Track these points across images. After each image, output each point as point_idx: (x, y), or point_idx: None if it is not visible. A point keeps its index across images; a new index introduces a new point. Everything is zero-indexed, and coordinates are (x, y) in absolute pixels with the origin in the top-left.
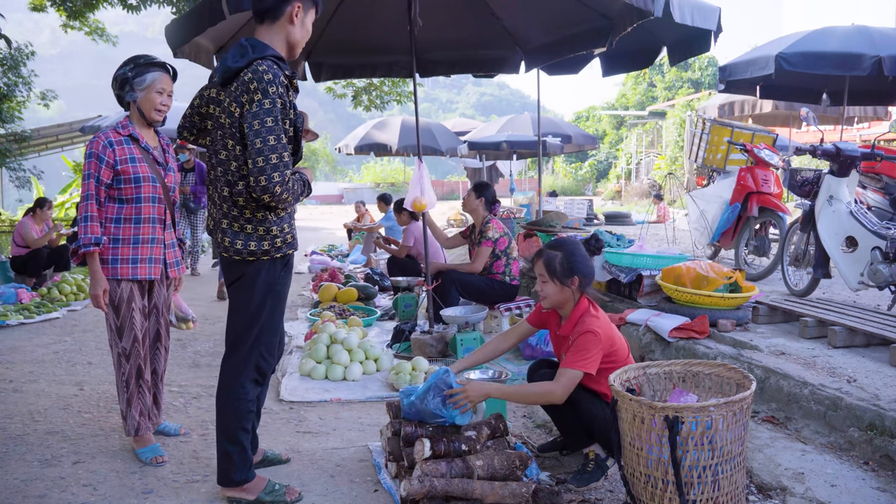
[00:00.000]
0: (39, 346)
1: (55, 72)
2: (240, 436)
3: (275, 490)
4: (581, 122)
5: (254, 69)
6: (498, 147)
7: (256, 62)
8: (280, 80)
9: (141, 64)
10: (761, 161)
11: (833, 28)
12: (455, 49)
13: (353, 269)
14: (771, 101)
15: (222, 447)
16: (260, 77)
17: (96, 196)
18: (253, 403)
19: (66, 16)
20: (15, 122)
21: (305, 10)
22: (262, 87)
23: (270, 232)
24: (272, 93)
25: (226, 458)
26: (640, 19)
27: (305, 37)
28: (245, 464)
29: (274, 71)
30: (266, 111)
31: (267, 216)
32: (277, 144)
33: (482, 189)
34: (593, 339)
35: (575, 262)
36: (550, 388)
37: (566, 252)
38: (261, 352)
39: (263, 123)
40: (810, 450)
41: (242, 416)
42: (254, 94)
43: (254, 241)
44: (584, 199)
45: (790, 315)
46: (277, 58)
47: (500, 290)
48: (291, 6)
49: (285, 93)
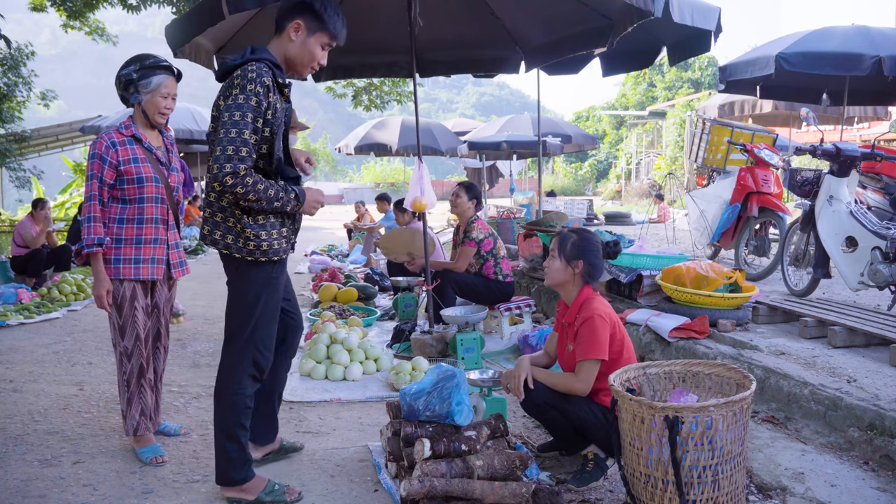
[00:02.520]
0: (39, 346)
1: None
2: (238, 433)
3: (274, 490)
4: (581, 122)
5: (243, 67)
6: (498, 147)
7: (250, 62)
8: (262, 81)
9: (147, 66)
10: (761, 161)
11: (833, 28)
12: (455, 49)
13: (353, 269)
14: (771, 101)
15: (221, 445)
16: (244, 74)
17: (99, 197)
18: (251, 399)
19: (66, 16)
20: (15, 122)
21: (308, 31)
22: (241, 84)
23: (244, 233)
24: (249, 90)
25: (224, 456)
26: (640, 19)
27: (305, 57)
28: (244, 462)
29: (261, 71)
30: (237, 105)
31: (242, 217)
32: (237, 138)
33: (472, 190)
34: (600, 323)
35: (585, 249)
36: (573, 382)
37: (582, 237)
38: (256, 346)
39: (231, 116)
40: (810, 450)
41: (240, 411)
42: (233, 89)
43: (231, 236)
44: (584, 199)
45: (790, 315)
46: (274, 64)
47: (495, 290)
48: (291, 23)
49: (266, 94)
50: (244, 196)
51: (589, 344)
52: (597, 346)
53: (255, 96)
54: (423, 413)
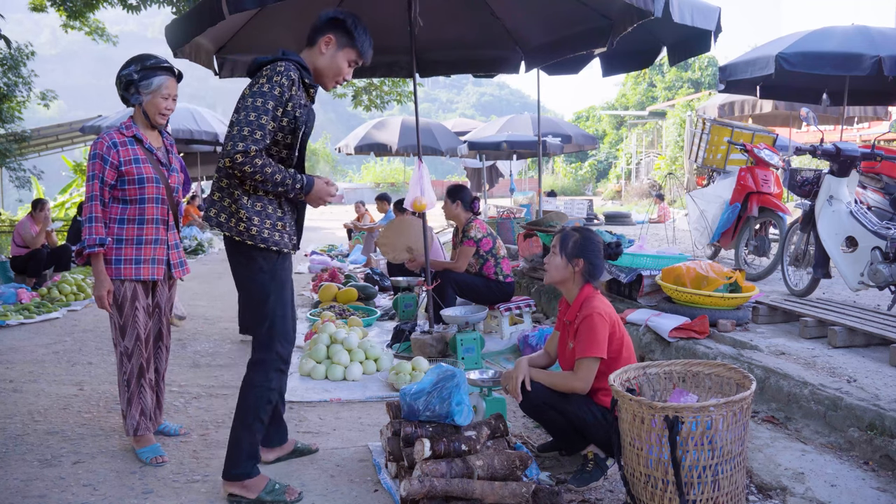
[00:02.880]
0: (39, 346)
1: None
2: (254, 424)
3: (275, 490)
4: (581, 122)
5: (273, 63)
6: (498, 147)
7: (279, 60)
8: (290, 76)
9: (147, 67)
10: (761, 161)
11: (833, 28)
12: (455, 49)
13: (353, 269)
14: (771, 101)
15: (236, 435)
16: (273, 68)
17: (101, 197)
18: (275, 393)
19: (66, 16)
20: (15, 122)
21: (338, 46)
22: (268, 74)
23: (237, 214)
24: (275, 81)
25: (237, 446)
26: (640, 19)
27: (333, 70)
28: (252, 457)
29: (290, 68)
30: (261, 93)
31: (240, 198)
32: (255, 121)
33: (455, 193)
34: (599, 321)
35: (587, 248)
36: (572, 381)
37: (583, 236)
38: (277, 339)
39: (254, 101)
40: (810, 450)
41: (261, 405)
42: (259, 79)
43: (224, 215)
44: (584, 199)
45: (790, 315)
46: (303, 66)
47: (496, 290)
48: (323, 37)
49: (290, 86)
50: (251, 175)
51: (588, 342)
52: (595, 344)
53: (279, 87)
54: (423, 413)
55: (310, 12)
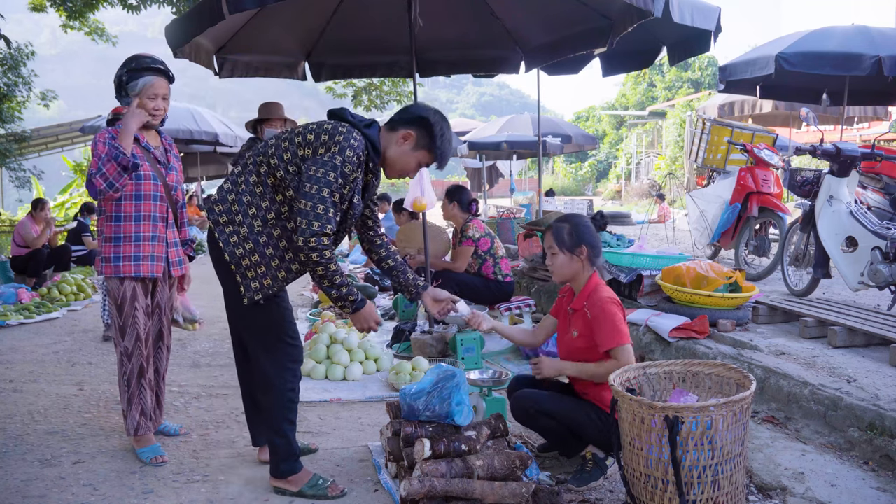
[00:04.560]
0: (39, 346)
1: (55, 72)
2: (284, 427)
3: (318, 484)
4: (581, 122)
5: (349, 130)
6: (498, 147)
7: (354, 127)
8: (360, 155)
9: (133, 69)
10: (761, 161)
11: (833, 28)
12: (455, 49)
13: (353, 269)
14: (771, 101)
15: (270, 440)
16: (347, 137)
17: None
18: (295, 393)
19: (66, 16)
20: (15, 122)
21: (416, 145)
22: (341, 144)
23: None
24: (347, 157)
25: (273, 449)
26: (640, 19)
27: (400, 163)
28: (290, 456)
29: (362, 146)
30: (332, 165)
31: (270, 260)
32: (329, 198)
33: (453, 194)
34: (616, 309)
35: (582, 233)
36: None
37: (573, 223)
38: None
39: (325, 174)
40: (810, 450)
41: (285, 406)
42: (331, 145)
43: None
44: (584, 199)
45: (790, 315)
46: (374, 146)
47: (495, 290)
48: (405, 130)
49: (357, 169)
50: (315, 264)
51: (614, 332)
52: (622, 332)
53: (350, 164)
54: (423, 413)
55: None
